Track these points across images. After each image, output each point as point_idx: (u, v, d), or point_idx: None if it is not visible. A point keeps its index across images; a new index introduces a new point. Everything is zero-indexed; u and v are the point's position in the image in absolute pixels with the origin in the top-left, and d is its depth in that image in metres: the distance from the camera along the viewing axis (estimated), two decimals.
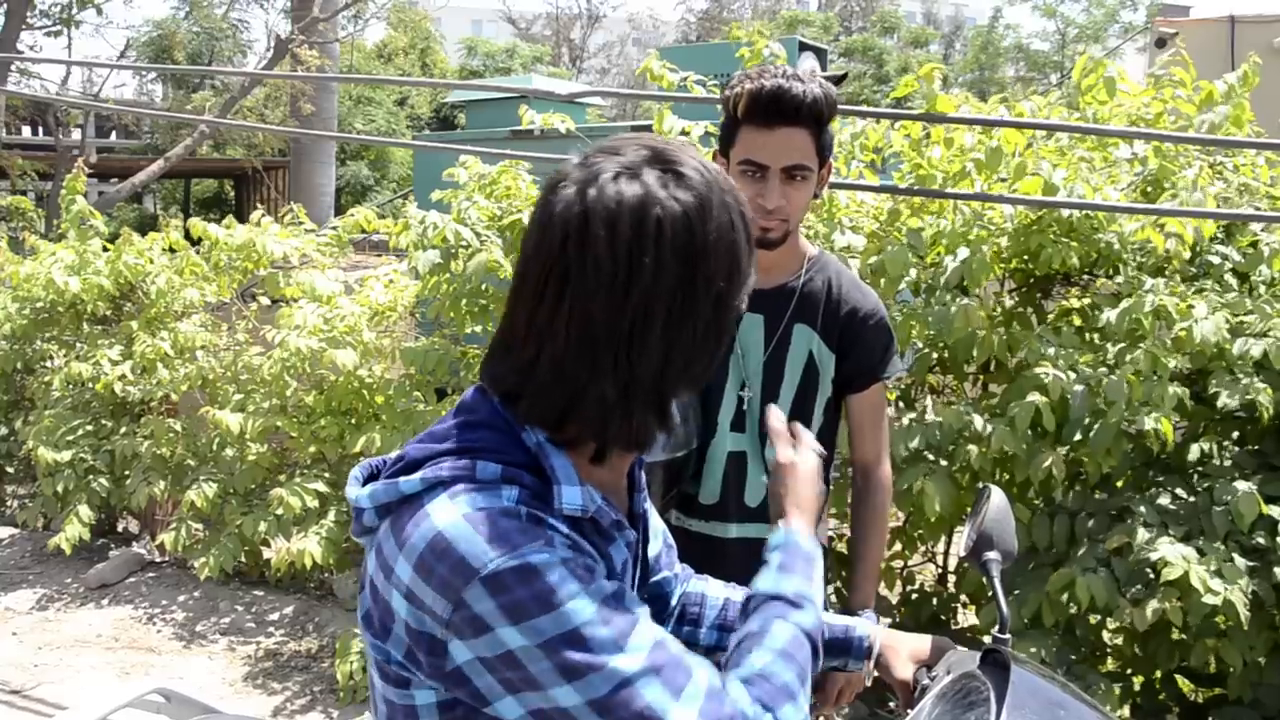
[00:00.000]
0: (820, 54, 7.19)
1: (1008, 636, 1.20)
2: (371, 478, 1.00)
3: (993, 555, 1.26)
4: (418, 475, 0.92)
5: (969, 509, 1.49)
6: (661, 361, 0.92)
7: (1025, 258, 3.17)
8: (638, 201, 0.90)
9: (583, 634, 0.86)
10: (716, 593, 1.33)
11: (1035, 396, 2.79)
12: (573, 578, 0.87)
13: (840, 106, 1.98)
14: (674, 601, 1.31)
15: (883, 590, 3.43)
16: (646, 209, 0.90)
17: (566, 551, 0.89)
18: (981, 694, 1.09)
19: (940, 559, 3.58)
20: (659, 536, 1.28)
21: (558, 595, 0.86)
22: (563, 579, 0.87)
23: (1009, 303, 3.36)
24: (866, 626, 1.31)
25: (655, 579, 1.28)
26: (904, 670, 1.26)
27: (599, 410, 0.93)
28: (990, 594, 1.33)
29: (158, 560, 5.18)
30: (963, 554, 1.32)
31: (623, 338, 0.91)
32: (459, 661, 0.88)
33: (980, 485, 1.97)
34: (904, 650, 1.28)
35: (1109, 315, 2.91)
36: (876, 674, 1.31)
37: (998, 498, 1.30)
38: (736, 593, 1.33)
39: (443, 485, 0.91)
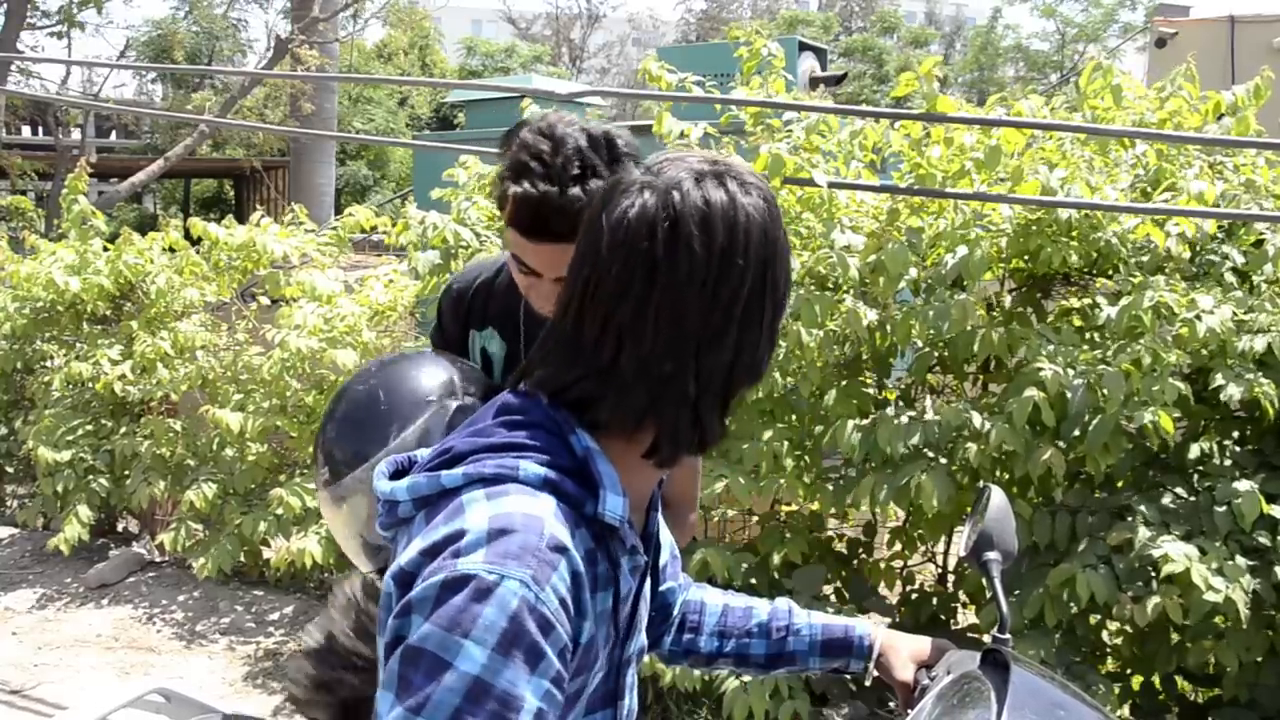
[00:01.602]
0: (820, 54, 7.20)
1: (1008, 636, 1.19)
2: (398, 474, 1.00)
3: (993, 555, 1.25)
4: (460, 470, 0.92)
5: (969, 509, 1.49)
6: (732, 360, 0.95)
7: (1025, 257, 3.17)
8: (727, 205, 0.93)
9: (446, 674, 0.81)
10: (715, 600, 1.34)
11: (1032, 392, 2.79)
12: (504, 636, 0.82)
13: (840, 106, 1.95)
14: (676, 611, 1.32)
15: (883, 590, 3.43)
16: (736, 213, 0.93)
17: (550, 604, 0.85)
18: (981, 694, 1.09)
19: (940, 559, 3.58)
20: (668, 549, 1.28)
21: (474, 630, 0.81)
22: (496, 625, 0.82)
23: (1009, 302, 3.36)
24: (866, 626, 1.31)
25: (662, 589, 1.29)
26: (904, 671, 1.26)
27: (676, 410, 0.94)
28: (990, 594, 1.32)
29: (158, 560, 5.17)
30: (963, 554, 1.32)
31: (705, 336, 0.93)
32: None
33: (980, 485, 1.96)
34: (904, 650, 1.28)
35: (1109, 312, 2.91)
36: (876, 674, 1.31)
37: (998, 498, 1.29)
38: (734, 599, 1.35)
39: (483, 482, 0.90)
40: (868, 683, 1.33)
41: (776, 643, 1.30)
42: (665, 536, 1.26)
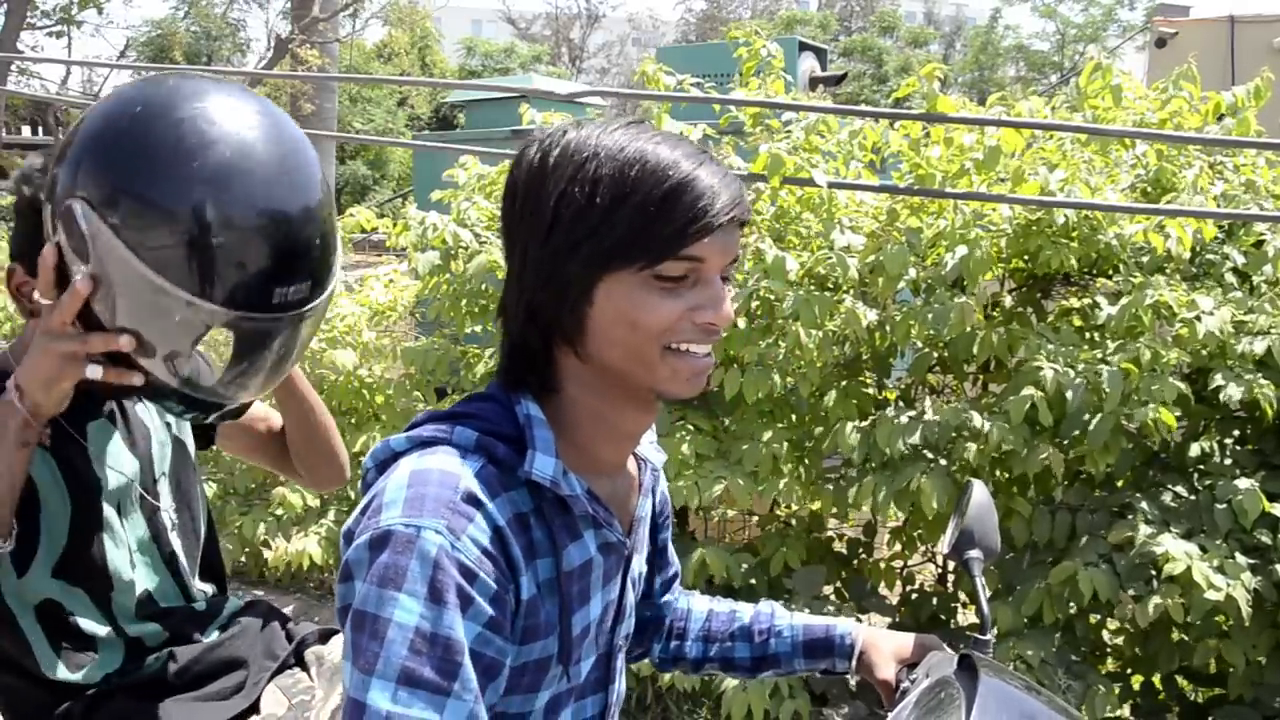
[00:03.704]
0: (820, 54, 7.21)
1: (988, 639, 1.17)
2: None
3: (974, 554, 1.22)
4: (406, 435, 0.96)
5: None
6: (521, 298, 1.01)
7: (1025, 258, 3.17)
8: (524, 160, 0.98)
9: (389, 630, 0.83)
10: (700, 606, 1.36)
11: (1030, 391, 2.79)
12: (431, 584, 0.84)
13: (840, 106, 1.96)
14: (668, 620, 1.35)
15: (882, 590, 3.43)
16: (519, 169, 0.98)
17: (469, 553, 0.86)
18: (954, 701, 1.05)
19: (940, 559, 3.58)
20: (673, 564, 1.32)
21: (404, 583, 0.84)
22: (423, 574, 0.84)
23: (1009, 302, 3.36)
24: (847, 625, 1.30)
25: (661, 601, 1.32)
26: (885, 670, 1.24)
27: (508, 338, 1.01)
28: (972, 593, 1.30)
29: None
30: (945, 551, 1.29)
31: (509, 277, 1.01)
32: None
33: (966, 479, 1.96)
34: (886, 649, 1.26)
35: (1109, 311, 2.91)
36: (859, 675, 1.28)
37: (979, 493, 1.26)
38: (719, 604, 1.36)
39: (422, 445, 0.94)
40: (853, 681, 1.33)
41: (759, 645, 1.31)
42: (672, 553, 1.30)
